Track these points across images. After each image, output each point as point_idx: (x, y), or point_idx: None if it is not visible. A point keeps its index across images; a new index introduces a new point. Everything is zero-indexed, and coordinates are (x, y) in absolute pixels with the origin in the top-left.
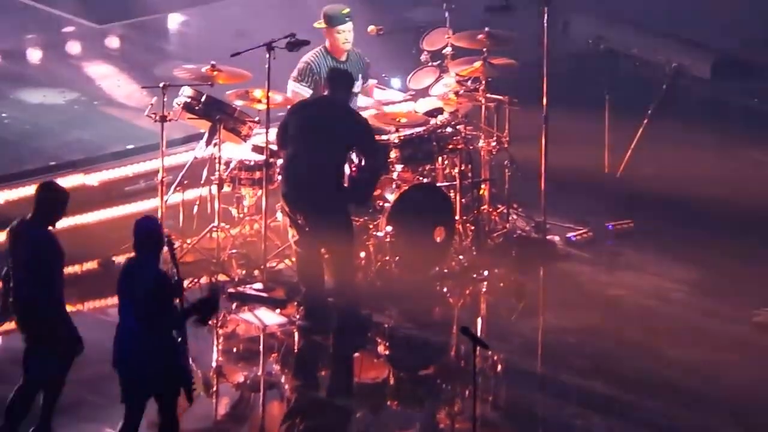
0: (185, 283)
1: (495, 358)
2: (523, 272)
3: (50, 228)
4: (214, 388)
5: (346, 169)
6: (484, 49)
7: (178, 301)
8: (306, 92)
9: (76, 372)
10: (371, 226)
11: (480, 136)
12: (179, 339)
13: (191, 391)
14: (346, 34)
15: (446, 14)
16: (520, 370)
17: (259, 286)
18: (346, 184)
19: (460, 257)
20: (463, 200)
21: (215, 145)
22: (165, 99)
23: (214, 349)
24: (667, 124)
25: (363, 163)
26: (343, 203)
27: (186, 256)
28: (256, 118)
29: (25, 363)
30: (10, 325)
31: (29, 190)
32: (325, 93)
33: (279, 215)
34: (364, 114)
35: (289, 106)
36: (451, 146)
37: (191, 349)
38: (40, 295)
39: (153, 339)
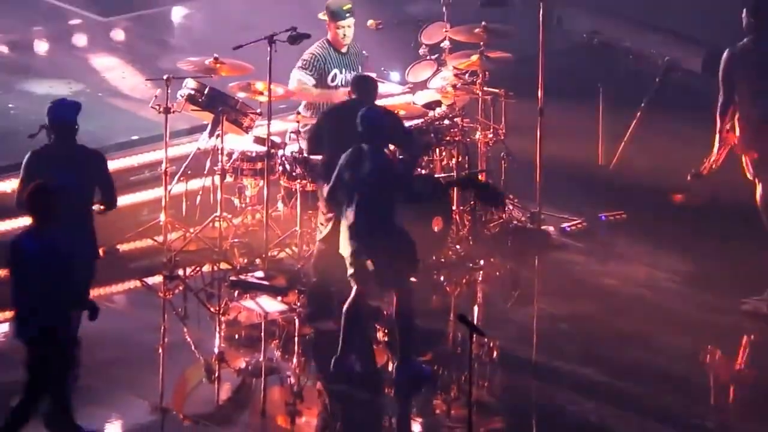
0: (188, 270)
1: (491, 345)
2: (518, 262)
3: None
4: (217, 374)
5: None
6: (481, 43)
7: None
8: (310, 80)
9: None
10: None
11: (477, 128)
12: None
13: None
14: (345, 29)
15: (444, 8)
16: (515, 356)
17: (260, 274)
18: None
19: (457, 247)
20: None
21: (218, 136)
22: (169, 91)
23: (217, 335)
24: (660, 116)
25: (399, 154)
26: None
27: (189, 245)
28: (258, 110)
29: None
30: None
31: None
32: (353, 96)
33: (280, 205)
34: None
35: (321, 111)
36: (448, 138)
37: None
38: None
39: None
